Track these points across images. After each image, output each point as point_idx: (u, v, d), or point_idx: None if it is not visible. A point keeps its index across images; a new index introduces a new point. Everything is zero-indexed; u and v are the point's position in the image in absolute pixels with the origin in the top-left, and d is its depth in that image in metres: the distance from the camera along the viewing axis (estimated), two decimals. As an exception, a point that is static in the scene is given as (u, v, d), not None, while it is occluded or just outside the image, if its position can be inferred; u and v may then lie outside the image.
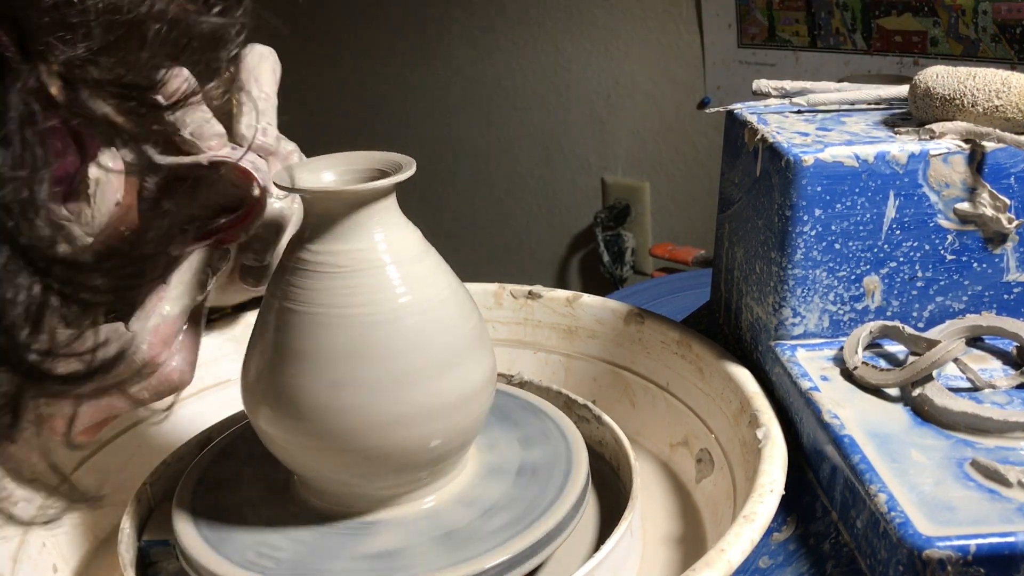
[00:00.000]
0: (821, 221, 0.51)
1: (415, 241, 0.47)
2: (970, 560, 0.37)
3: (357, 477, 0.47)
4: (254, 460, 0.52)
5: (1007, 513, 0.38)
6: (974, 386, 0.48)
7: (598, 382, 0.66)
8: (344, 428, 0.44)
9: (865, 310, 0.53)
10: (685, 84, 1.52)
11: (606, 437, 0.57)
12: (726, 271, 0.62)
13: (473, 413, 0.47)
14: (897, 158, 0.51)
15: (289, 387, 0.45)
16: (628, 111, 1.61)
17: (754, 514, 0.43)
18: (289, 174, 0.46)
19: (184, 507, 0.49)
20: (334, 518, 0.48)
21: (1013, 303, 0.53)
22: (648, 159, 1.62)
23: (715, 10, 1.42)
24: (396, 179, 0.45)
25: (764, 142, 0.53)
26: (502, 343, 0.67)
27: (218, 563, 0.45)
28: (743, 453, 0.51)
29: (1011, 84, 0.51)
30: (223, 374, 0.64)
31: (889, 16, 1.24)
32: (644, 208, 1.65)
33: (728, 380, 0.55)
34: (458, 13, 1.76)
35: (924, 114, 0.54)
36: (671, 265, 1.57)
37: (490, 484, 0.50)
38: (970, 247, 0.52)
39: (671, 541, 0.53)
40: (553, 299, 0.67)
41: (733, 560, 0.40)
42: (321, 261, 0.45)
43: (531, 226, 1.84)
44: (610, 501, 0.54)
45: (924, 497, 0.40)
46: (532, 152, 1.78)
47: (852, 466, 0.42)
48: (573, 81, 1.67)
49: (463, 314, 0.48)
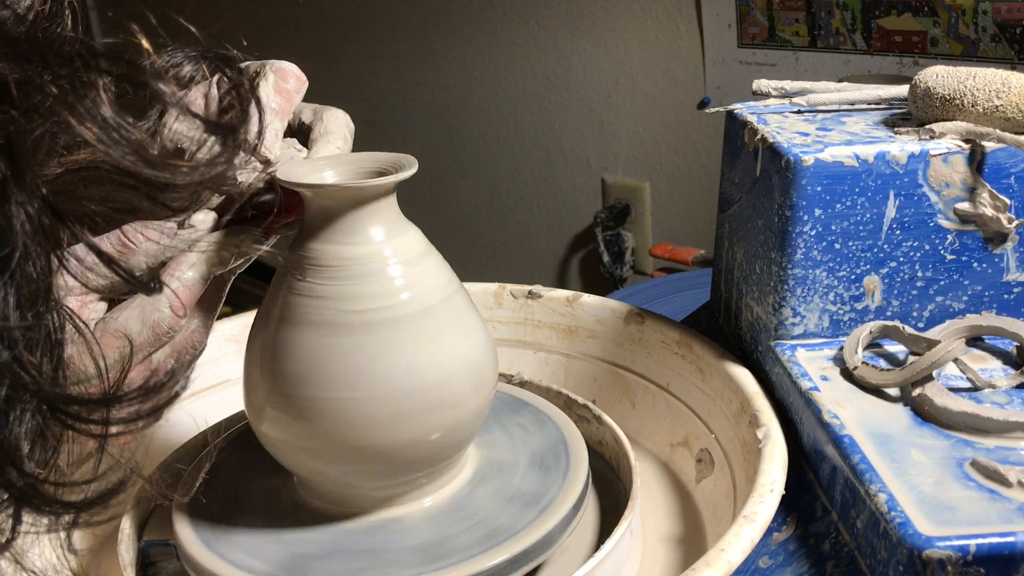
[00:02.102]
0: (821, 221, 0.51)
1: (416, 240, 0.47)
2: (970, 560, 0.37)
3: (356, 477, 0.47)
4: (254, 460, 0.52)
5: (1007, 513, 0.38)
6: (974, 386, 0.48)
7: (598, 382, 0.66)
8: (344, 427, 0.44)
9: (865, 310, 0.53)
10: (685, 84, 1.52)
11: (606, 437, 0.57)
12: (726, 271, 0.62)
13: (473, 412, 0.47)
14: (897, 158, 0.51)
15: (289, 387, 0.45)
16: (628, 111, 1.61)
17: (754, 514, 0.43)
18: (291, 172, 0.46)
19: (184, 507, 0.49)
20: (333, 518, 0.48)
21: (1013, 303, 0.53)
22: (648, 159, 1.62)
23: (715, 10, 1.42)
24: (398, 177, 0.45)
25: (764, 142, 0.53)
26: (502, 343, 0.67)
27: (217, 563, 0.45)
28: (743, 453, 0.51)
29: (1011, 84, 0.51)
30: (223, 374, 0.64)
31: (889, 16, 1.24)
32: (644, 208, 1.65)
33: (728, 380, 0.55)
34: (458, 13, 1.76)
35: (924, 114, 0.54)
36: (671, 265, 1.57)
37: (489, 484, 0.50)
38: (970, 247, 0.52)
39: (671, 541, 0.53)
40: (553, 299, 0.67)
41: (733, 560, 0.40)
42: (322, 259, 0.45)
43: (531, 226, 1.84)
44: (610, 501, 0.54)
45: (924, 497, 0.40)
46: (532, 152, 1.78)
47: (852, 466, 0.42)
48: (573, 81, 1.66)
49: (464, 313, 0.48)
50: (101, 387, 0.34)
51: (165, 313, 0.41)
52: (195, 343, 0.44)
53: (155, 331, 0.41)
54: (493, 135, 1.81)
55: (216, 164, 0.34)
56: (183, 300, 0.42)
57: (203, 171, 0.33)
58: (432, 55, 1.83)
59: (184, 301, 0.42)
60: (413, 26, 1.83)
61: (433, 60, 1.83)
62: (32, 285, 0.26)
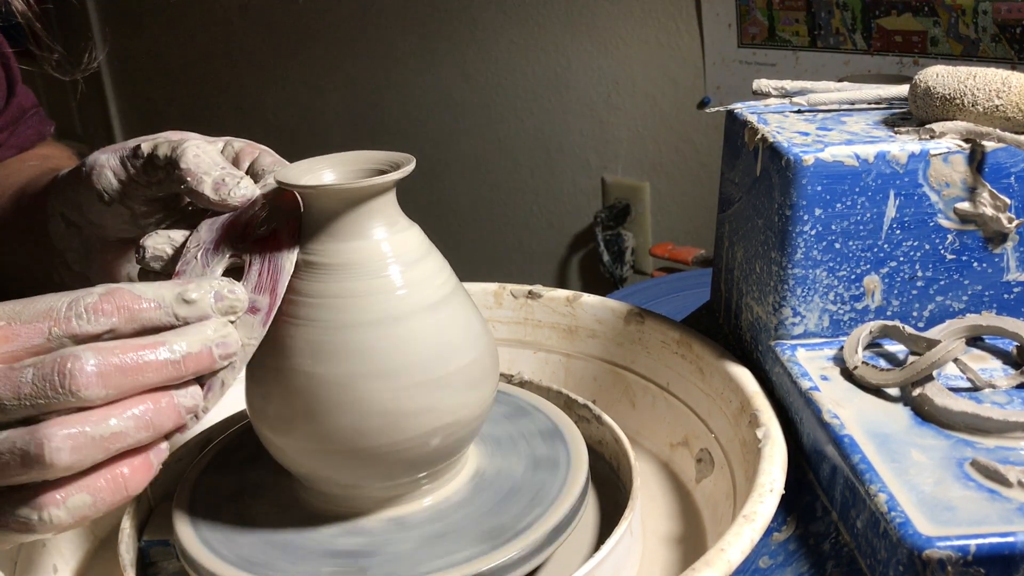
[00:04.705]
0: (821, 221, 0.51)
1: (416, 239, 0.47)
2: (970, 560, 0.37)
3: (357, 478, 0.47)
4: (254, 460, 0.52)
5: (1007, 513, 0.38)
6: (974, 386, 0.48)
7: (598, 382, 0.66)
8: (344, 428, 0.44)
9: (865, 310, 0.53)
10: (685, 84, 1.52)
11: (606, 437, 0.57)
12: (726, 271, 0.62)
13: (473, 411, 0.47)
14: (897, 158, 0.50)
15: (290, 388, 0.45)
16: (628, 111, 1.61)
17: (754, 514, 0.43)
18: (289, 172, 0.46)
19: (184, 507, 0.49)
20: (334, 519, 0.48)
21: (1013, 303, 0.53)
22: (648, 159, 1.62)
23: (715, 10, 1.42)
24: (396, 176, 0.45)
25: (764, 142, 0.53)
26: (502, 343, 0.67)
27: (218, 563, 0.45)
28: (743, 453, 0.51)
29: (1011, 84, 0.51)
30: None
31: (889, 16, 1.24)
32: (644, 208, 1.65)
33: (728, 380, 0.55)
34: (458, 13, 1.76)
35: (924, 114, 0.54)
36: (671, 265, 1.57)
37: (489, 485, 0.50)
38: (970, 247, 0.52)
39: (671, 541, 0.53)
40: (553, 299, 0.67)
41: (733, 559, 0.40)
42: (321, 260, 0.45)
43: (531, 226, 1.84)
44: (610, 501, 0.54)
45: (924, 497, 0.40)
46: (532, 152, 1.78)
47: (852, 466, 0.42)
48: (573, 81, 1.66)
49: (464, 313, 0.48)
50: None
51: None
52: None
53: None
54: (493, 135, 1.81)
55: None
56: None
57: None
58: (433, 55, 1.83)
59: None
60: (414, 27, 1.83)
61: (433, 60, 1.83)
62: None
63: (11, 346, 0.38)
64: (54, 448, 0.36)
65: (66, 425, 0.37)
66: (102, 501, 0.39)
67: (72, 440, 0.36)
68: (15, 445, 0.36)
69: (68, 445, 0.36)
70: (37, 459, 0.36)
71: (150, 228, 0.54)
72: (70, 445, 0.36)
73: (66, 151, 0.84)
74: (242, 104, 2.20)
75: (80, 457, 0.37)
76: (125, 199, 0.52)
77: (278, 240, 0.46)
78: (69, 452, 0.36)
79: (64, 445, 0.36)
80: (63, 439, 0.36)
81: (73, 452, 0.36)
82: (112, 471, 0.39)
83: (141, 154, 0.50)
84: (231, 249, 0.46)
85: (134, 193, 0.52)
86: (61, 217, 0.57)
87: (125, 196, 0.52)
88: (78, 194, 0.54)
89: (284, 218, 0.47)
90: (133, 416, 0.38)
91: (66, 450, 0.36)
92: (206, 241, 0.47)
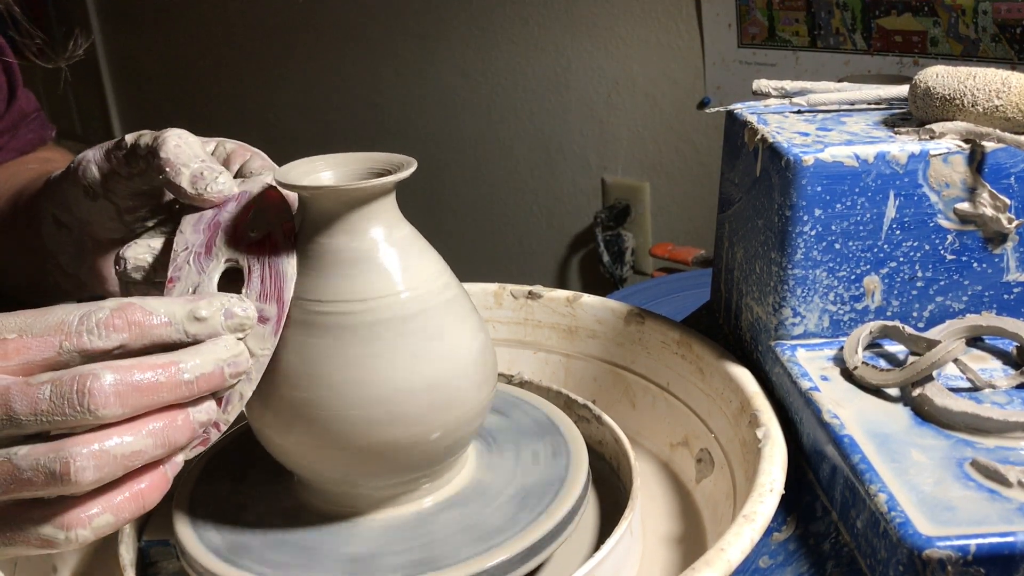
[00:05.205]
0: (821, 221, 0.51)
1: (415, 241, 0.47)
2: (970, 560, 0.37)
3: (357, 477, 0.47)
4: (254, 460, 0.52)
5: (1007, 513, 0.38)
6: (974, 386, 0.48)
7: (598, 382, 0.66)
8: (344, 428, 0.44)
9: (865, 310, 0.53)
10: (685, 84, 1.52)
11: (606, 437, 0.57)
12: (726, 271, 0.62)
13: (473, 412, 0.47)
14: (897, 158, 0.50)
15: (289, 387, 0.45)
16: (628, 111, 1.61)
17: (754, 514, 0.43)
18: (288, 172, 0.46)
19: (184, 507, 0.49)
20: (334, 518, 0.48)
21: (1013, 303, 0.53)
22: (648, 159, 1.62)
23: (715, 10, 1.42)
24: (396, 177, 0.45)
25: (764, 142, 0.53)
26: (502, 343, 0.67)
27: (217, 563, 0.45)
28: (743, 453, 0.51)
29: (1011, 84, 0.51)
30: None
31: (889, 16, 1.24)
32: (644, 208, 1.65)
33: (728, 380, 0.55)
34: (458, 13, 1.76)
35: (924, 114, 0.54)
36: (671, 265, 1.57)
37: (489, 485, 0.50)
38: (970, 247, 0.52)
39: (671, 541, 0.53)
40: (553, 299, 0.67)
41: (733, 559, 0.40)
42: (321, 260, 0.45)
43: (531, 226, 1.84)
44: (610, 501, 0.54)
45: (924, 497, 0.40)
46: (532, 152, 1.78)
47: (852, 466, 0.42)
48: (573, 81, 1.66)
49: (463, 313, 0.48)
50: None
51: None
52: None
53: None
54: (493, 135, 1.81)
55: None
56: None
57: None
58: (433, 55, 1.83)
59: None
60: (414, 27, 1.83)
61: (433, 60, 1.83)
62: None
63: (22, 359, 0.38)
64: (80, 467, 0.36)
65: (89, 443, 0.37)
66: (122, 518, 0.39)
67: (95, 459, 0.37)
68: (39, 463, 0.36)
69: (92, 464, 0.37)
70: (63, 477, 0.36)
71: (138, 226, 0.54)
72: (94, 464, 0.37)
73: (67, 155, 0.84)
74: (242, 104, 2.20)
75: (103, 475, 0.37)
76: (109, 193, 0.52)
77: (275, 244, 0.45)
78: (94, 471, 0.37)
79: (88, 464, 0.37)
80: (87, 457, 0.37)
81: (97, 470, 0.37)
82: (131, 487, 0.39)
83: (124, 145, 0.50)
84: (226, 253, 0.46)
85: (116, 187, 0.51)
86: (52, 218, 0.57)
87: (108, 190, 0.52)
88: (66, 192, 0.54)
89: (276, 220, 0.46)
90: (151, 433, 0.39)
91: (91, 469, 0.37)
92: (195, 243, 0.46)
